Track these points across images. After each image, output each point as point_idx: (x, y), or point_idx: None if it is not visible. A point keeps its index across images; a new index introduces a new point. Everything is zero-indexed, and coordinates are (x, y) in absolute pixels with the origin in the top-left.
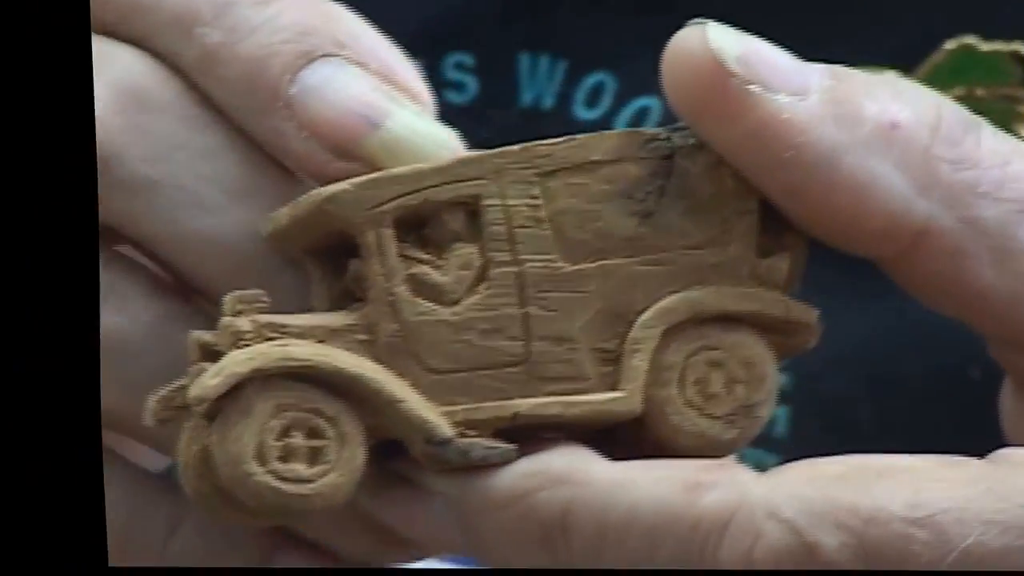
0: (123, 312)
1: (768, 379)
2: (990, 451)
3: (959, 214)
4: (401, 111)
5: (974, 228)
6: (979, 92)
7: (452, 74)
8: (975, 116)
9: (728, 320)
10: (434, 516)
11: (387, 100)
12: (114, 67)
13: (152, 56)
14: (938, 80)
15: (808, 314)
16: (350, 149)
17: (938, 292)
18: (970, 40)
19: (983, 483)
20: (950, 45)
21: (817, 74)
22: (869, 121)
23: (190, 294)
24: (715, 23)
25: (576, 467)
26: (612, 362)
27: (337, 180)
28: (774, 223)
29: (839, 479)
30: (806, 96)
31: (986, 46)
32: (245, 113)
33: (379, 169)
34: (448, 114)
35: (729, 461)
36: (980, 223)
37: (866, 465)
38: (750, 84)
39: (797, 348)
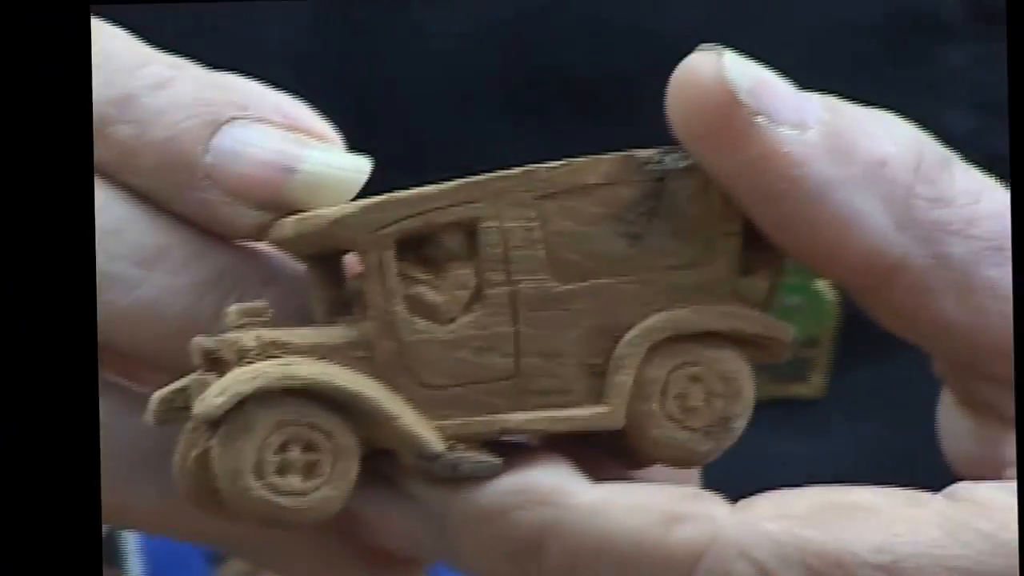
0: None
1: (744, 393)
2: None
3: (931, 251)
4: (311, 151)
5: (943, 265)
6: None
7: None
8: (949, 152)
9: (708, 336)
10: (410, 519)
11: (297, 145)
12: None
13: None
14: None
15: (784, 331)
16: (274, 199)
17: (904, 323)
18: None
19: (947, 526)
20: None
21: (816, 107)
22: (860, 157)
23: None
24: (729, 51)
25: (558, 488)
26: (598, 376)
27: (262, 232)
28: (755, 243)
29: (807, 518)
30: (806, 129)
31: None
32: (168, 193)
33: (304, 211)
34: None
35: (705, 492)
36: (948, 260)
37: (832, 502)
38: (757, 115)
39: (770, 359)
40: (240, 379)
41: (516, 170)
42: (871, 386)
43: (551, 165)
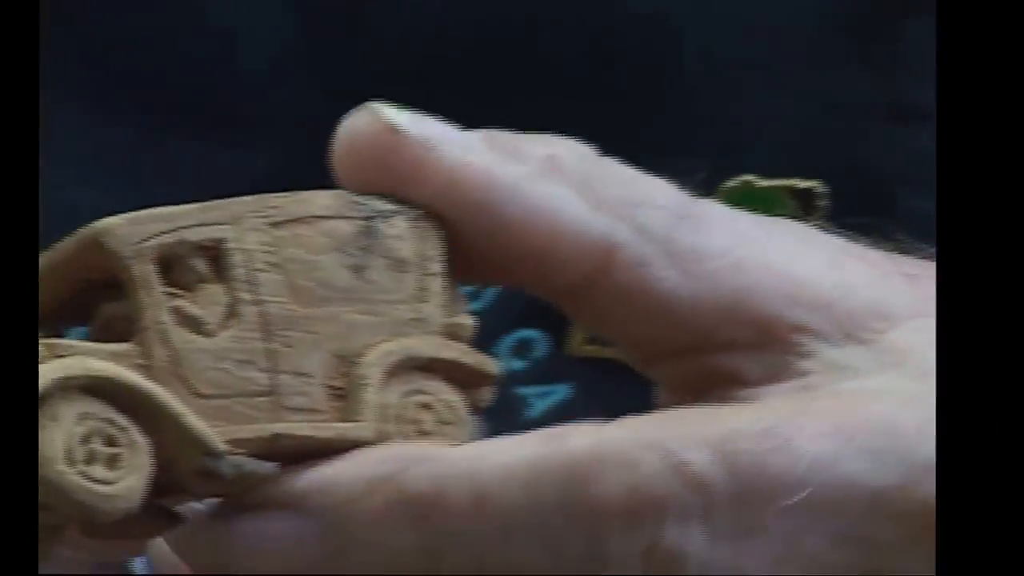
0: None
1: (469, 423)
2: None
3: (630, 225)
4: None
5: (646, 237)
6: None
7: None
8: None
9: (429, 368)
10: (294, 527)
11: None
12: None
13: None
14: None
15: (493, 366)
16: None
17: (626, 310)
18: (749, 177)
19: (790, 405)
20: (731, 183)
21: (467, 131)
22: (532, 155)
23: None
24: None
25: (427, 447)
26: (341, 398)
27: None
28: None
29: (679, 415)
30: (473, 146)
31: (764, 182)
32: None
33: None
34: None
35: None
36: (648, 231)
37: (686, 410)
38: (428, 142)
39: (474, 395)
40: (44, 369)
41: (251, 197)
42: None
43: (281, 195)
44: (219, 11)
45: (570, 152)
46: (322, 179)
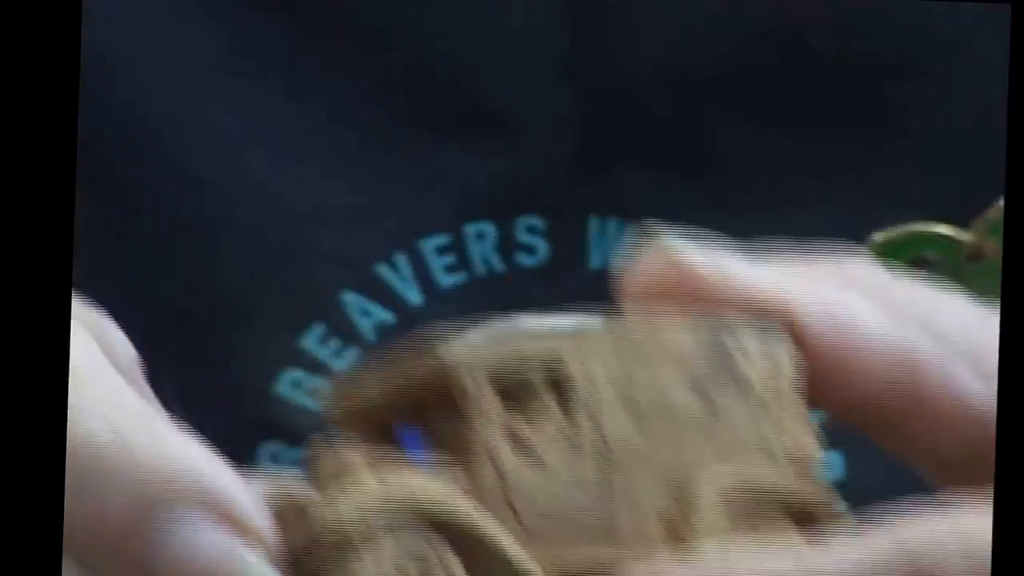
0: None
1: None
2: None
3: (931, 335)
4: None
5: (950, 347)
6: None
7: (524, 237)
8: None
9: (767, 499)
10: None
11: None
12: None
13: None
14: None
15: (836, 502)
16: None
17: (937, 429)
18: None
19: None
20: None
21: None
22: (820, 273)
23: None
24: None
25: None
26: (674, 526)
27: None
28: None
29: None
30: (755, 263)
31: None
32: None
33: None
34: (520, 277)
35: None
36: (951, 342)
37: None
38: (718, 265)
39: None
40: (366, 493)
41: (596, 319)
42: None
43: (628, 318)
44: (468, 7)
45: (854, 264)
46: (574, 186)
